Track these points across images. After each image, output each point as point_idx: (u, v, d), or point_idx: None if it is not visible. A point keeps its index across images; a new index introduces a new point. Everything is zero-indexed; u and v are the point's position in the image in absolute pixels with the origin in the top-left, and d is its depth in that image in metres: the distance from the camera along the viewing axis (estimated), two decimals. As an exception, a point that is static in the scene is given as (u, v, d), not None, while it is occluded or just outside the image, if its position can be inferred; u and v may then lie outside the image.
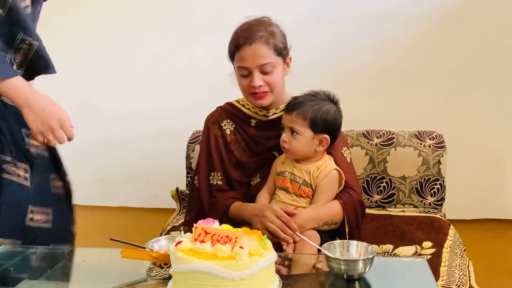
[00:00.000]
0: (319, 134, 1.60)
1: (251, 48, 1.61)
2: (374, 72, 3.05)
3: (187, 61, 2.56)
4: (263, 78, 1.64)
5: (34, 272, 1.30)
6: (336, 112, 1.63)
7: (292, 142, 1.59)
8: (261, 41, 1.62)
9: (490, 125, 3.05)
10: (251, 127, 1.78)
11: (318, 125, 1.58)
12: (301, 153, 1.62)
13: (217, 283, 1.04)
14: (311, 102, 1.59)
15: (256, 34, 1.62)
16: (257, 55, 1.62)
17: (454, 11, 2.97)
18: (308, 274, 1.39)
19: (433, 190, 2.16)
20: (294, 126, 1.58)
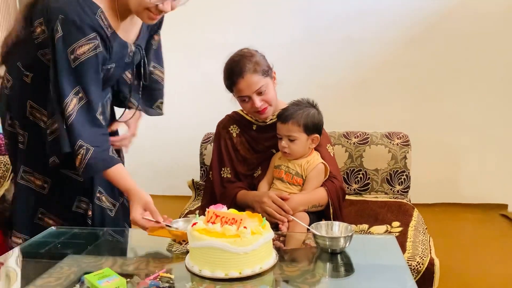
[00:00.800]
0: (311, 135, 1.58)
1: (244, 80, 1.57)
2: (353, 84, 3.02)
3: (200, 76, 2.54)
4: (261, 99, 1.61)
5: (77, 248, 1.27)
6: (318, 114, 1.61)
7: (292, 147, 1.57)
8: (250, 72, 1.57)
9: (446, 127, 3.02)
10: (253, 130, 1.75)
11: (309, 128, 1.57)
12: (299, 154, 1.59)
13: (226, 257, 1.03)
14: (299, 111, 1.57)
15: (244, 67, 1.58)
16: (251, 84, 1.58)
17: (417, 36, 2.94)
18: (299, 249, 1.36)
19: (400, 180, 2.09)
20: (292, 134, 1.56)
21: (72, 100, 1.29)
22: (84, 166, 1.30)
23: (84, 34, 1.26)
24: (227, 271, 1.03)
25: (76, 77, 1.29)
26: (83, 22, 1.26)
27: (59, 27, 1.26)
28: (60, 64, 1.28)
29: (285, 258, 1.20)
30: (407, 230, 1.71)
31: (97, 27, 1.29)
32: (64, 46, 1.27)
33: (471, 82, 2.94)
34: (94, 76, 1.32)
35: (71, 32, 1.26)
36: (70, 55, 1.27)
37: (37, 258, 1.24)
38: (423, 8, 2.90)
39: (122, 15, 1.36)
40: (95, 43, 1.29)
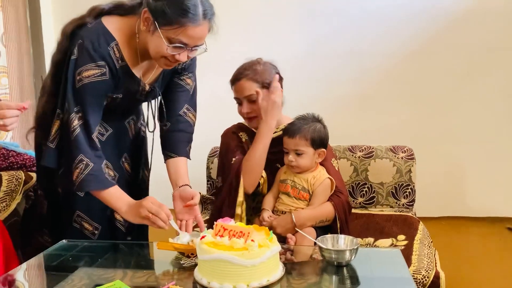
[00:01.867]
0: (318, 149, 1.61)
1: (239, 83, 1.65)
2: (356, 98, 3.04)
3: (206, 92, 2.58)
4: (251, 107, 1.66)
5: (88, 261, 1.31)
6: (324, 128, 1.65)
7: (299, 160, 1.59)
8: (246, 78, 1.64)
9: (451, 140, 3.03)
10: None
11: (316, 142, 1.60)
12: (305, 168, 1.61)
13: (234, 269, 1.06)
14: (306, 126, 1.60)
15: (243, 72, 1.66)
16: (243, 89, 1.65)
17: (420, 48, 2.98)
18: (306, 262, 1.39)
19: (405, 193, 2.12)
20: (299, 148, 1.58)
21: (75, 117, 1.36)
22: (80, 181, 1.35)
23: (93, 60, 1.35)
24: (235, 283, 1.06)
25: (77, 97, 1.37)
26: (95, 50, 1.35)
27: (76, 50, 1.36)
28: (68, 82, 1.37)
29: (292, 271, 1.22)
30: (412, 243, 1.73)
31: (107, 57, 1.37)
32: (75, 68, 1.36)
33: (475, 95, 2.96)
34: (95, 100, 1.39)
35: (83, 56, 1.35)
36: (76, 76, 1.35)
37: (48, 271, 1.28)
38: (425, 21, 2.95)
39: (143, 56, 1.44)
40: (102, 71, 1.36)
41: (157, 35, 1.32)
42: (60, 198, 1.54)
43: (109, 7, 1.42)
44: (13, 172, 1.77)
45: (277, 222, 1.55)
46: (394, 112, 3.02)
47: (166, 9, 1.29)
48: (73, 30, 1.40)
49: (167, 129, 1.63)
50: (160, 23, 1.31)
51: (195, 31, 1.32)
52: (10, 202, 1.69)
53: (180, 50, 1.34)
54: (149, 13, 1.32)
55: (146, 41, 1.38)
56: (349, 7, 3.00)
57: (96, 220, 1.53)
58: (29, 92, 2.98)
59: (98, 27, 1.38)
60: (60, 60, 1.41)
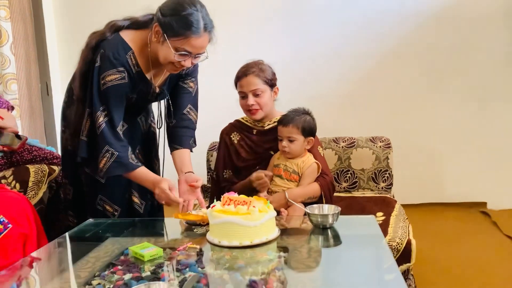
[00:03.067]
0: (307, 137, 1.89)
1: (246, 78, 1.90)
2: (339, 96, 3.31)
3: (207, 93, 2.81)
4: (255, 100, 1.91)
5: (114, 234, 1.56)
6: (312, 120, 1.92)
7: (291, 146, 1.86)
8: (253, 74, 1.90)
9: (427, 133, 3.29)
10: (253, 135, 2.03)
11: (306, 131, 1.87)
12: (296, 153, 1.88)
13: (239, 229, 1.32)
14: (297, 117, 1.87)
15: (250, 69, 1.91)
16: (250, 84, 1.90)
17: (396, 50, 3.24)
18: (296, 228, 1.62)
19: (384, 178, 2.35)
20: (292, 135, 1.86)
21: (101, 114, 1.62)
22: (107, 167, 1.63)
23: (114, 66, 1.61)
24: (241, 241, 1.32)
25: (102, 98, 1.63)
26: (115, 58, 1.61)
27: (98, 58, 1.62)
28: (94, 86, 1.62)
29: (286, 233, 1.48)
30: (389, 218, 1.95)
31: (125, 63, 1.63)
32: (98, 73, 1.62)
33: (448, 91, 3.25)
34: (117, 99, 1.66)
35: (105, 63, 1.61)
36: (101, 80, 1.61)
37: (83, 241, 1.53)
38: (403, 25, 3.23)
39: (153, 63, 1.70)
40: (122, 75, 1.63)
41: (166, 45, 1.58)
42: (83, 184, 1.81)
43: (126, 24, 1.69)
44: (38, 166, 2.03)
45: (273, 198, 1.81)
46: (374, 109, 3.30)
47: (174, 23, 1.55)
48: (96, 43, 1.65)
49: (173, 126, 1.90)
50: (169, 35, 1.57)
51: (197, 42, 1.58)
52: (38, 191, 1.94)
53: (185, 57, 1.60)
54: (159, 27, 1.58)
55: (156, 50, 1.64)
56: (332, 14, 3.27)
57: (116, 203, 1.79)
58: (36, 96, 3.20)
59: (117, 38, 1.65)
60: (87, 71, 1.66)
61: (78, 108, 1.70)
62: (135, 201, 1.82)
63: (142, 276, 1.16)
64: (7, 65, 3.02)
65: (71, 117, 1.76)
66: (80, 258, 1.33)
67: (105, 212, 1.78)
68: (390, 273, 1.15)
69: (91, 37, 1.68)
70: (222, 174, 2.04)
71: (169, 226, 1.66)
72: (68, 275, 1.25)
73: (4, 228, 1.62)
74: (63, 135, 1.84)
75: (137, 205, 1.83)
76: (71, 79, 1.80)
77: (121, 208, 1.79)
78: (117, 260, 1.29)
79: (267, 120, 2.02)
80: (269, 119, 2.02)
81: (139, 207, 1.83)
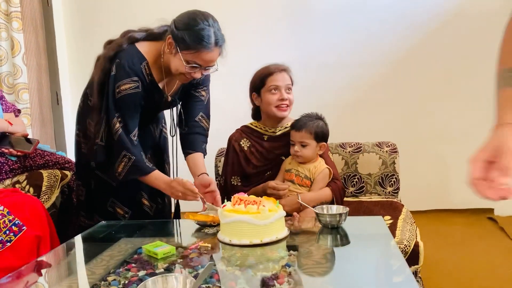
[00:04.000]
0: (320, 143, 1.91)
1: (281, 74, 1.93)
2: (346, 103, 3.34)
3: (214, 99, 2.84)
4: (287, 95, 1.94)
5: (127, 234, 1.59)
6: (325, 125, 1.94)
7: (303, 151, 1.88)
8: (287, 71, 1.95)
9: (434, 138, 3.32)
10: (264, 141, 2.04)
11: (319, 136, 1.90)
12: (308, 158, 1.90)
13: (250, 228, 1.35)
14: (311, 122, 1.90)
15: (282, 66, 1.96)
16: (285, 79, 1.93)
17: (402, 56, 3.30)
18: (306, 228, 1.65)
19: (391, 182, 2.37)
20: (304, 140, 1.88)
21: (117, 121, 1.68)
22: (125, 172, 1.68)
23: (128, 76, 1.68)
24: (251, 239, 1.35)
25: (117, 106, 1.69)
26: (130, 68, 1.68)
27: (114, 67, 1.69)
28: (110, 94, 1.69)
29: (295, 233, 1.52)
30: (396, 222, 1.94)
31: (139, 73, 1.70)
32: (114, 82, 1.68)
33: (456, 96, 3.28)
34: (132, 107, 1.72)
35: (120, 73, 1.68)
36: (116, 89, 1.68)
37: (97, 242, 1.56)
38: (409, 33, 3.28)
39: (166, 73, 1.78)
40: (136, 84, 1.69)
41: (178, 57, 1.65)
42: (92, 188, 1.86)
43: (142, 36, 1.77)
44: (51, 170, 2.08)
45: (285, 201, 1.82)
46: (380, 115, 3.33)
47: (186, 37, 1.62)
48: (114, 54, 1.72)
49: (186, 132, 1.95)
50: (181, 48, 1.64)
51: (207, 56, 1.65)
52: (51, 195, 1.98)
53: (195, 70, 1.68)
54: (172, 39, 1.65)
55: (169, 61, 1.71)
56: (338, 23, 3.33)
57: (127, 206, 1.83)
58: (47, 105, 3.27)
59: (133, 49, 1.72)
60: (104, 80, 1.73)
61: (94, 115, 1.75)
62: (145, 203, 1.87)
63: (156, 273, 1.20)
64: (19, 75, 3.09)
65: (85, 122, 1.82)
66: (95, 257, 1.37)
67: (116, 215, 1.82)
68: (401, 273, 1.17)
69: (108, 48, 1.75)
70: (230, 181, 2.05)
71: (181, 227, 1.69)
72: (83, 273, 1.28)
73: (19, 230, 1.67)
74: (77, 138, 1.90)
75: (147, 207, 1.87)
76: (87, 86, 1.86)
77: (132, 210, 1.83)
78: (131, 259, 1.32)
79: (279, 126, 2.04)
80: (281, 124, 2.04)
81: (149, 210, 1.87)
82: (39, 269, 1.36)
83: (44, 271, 1.36)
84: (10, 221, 1.65)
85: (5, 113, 2.15)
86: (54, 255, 1.48)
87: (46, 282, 1.27)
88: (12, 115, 2.17)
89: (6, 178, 2.01)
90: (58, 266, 1.40)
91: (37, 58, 3.20)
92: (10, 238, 1.64)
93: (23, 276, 1.26)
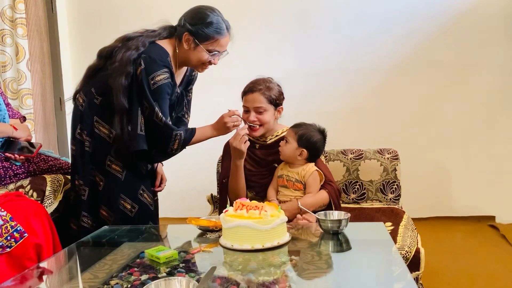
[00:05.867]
0: (300, 148, 1.92)
1: (252, 95, 1.96)
2: (347, 110, 3.35)
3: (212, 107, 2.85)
4: (257, 116, 1.96)
5: (130, 239, 1.60)
6: (320, 140, 1.95)
7: (283, 147, 1.94)
8: (259, 92, 1.95)
9: (435, 146, 3.32)
10: (256, 149, 2.09)
11: (302, 141, 1.91)
12: (286, 156, 1.94)
13: (251, 233, 1.36)
14: (304, 126, 1.94)
15: (257, 87, 1.96)
16: (254, 100, 1.95)
17: (402, 64, 3.30)
18: (307, 233, 1.66)
19: (392, 189, 2.38)
20: (287, 137, 1.93)
21: (158, 110, 1.78)
22: (181, 144, 1.85)
23: (160, 68, 1.80)
24: (253, 244, 1.36)
25: (154, 96, 1.78)
26: (161, 60, 1.81)
27: (142, 62, 1.78)
28: (144, 86, 1.78)
29: (297, 238, 1.53)
30: (398, 228, 1.98)
31: (168, 65, 1.82)
32: (147, 74, 1.77)
33: (455, 104, 3.28)
34: (165, 97, 1.83)
35: (152, 66, 1.79)
36: (150, 80, 1.77)
37: (100, 246, 1.57)
38: (409, 40, 3.29)
39: (179, 65, 1.93)
40: (168, 75, 1.82)
41: (199, 49, 1.84)
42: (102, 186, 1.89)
43: (155, 35, 1.88)
44: (55, 175, 2.09)
45: (285, 207, 1.84)
46: (382, 122, 3.34)
47: (204, 30, 1.83)
48: (138, 55, 1.79)
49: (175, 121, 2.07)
50: (200, 40, 1.84)
51: (224, 40, 1.87)
52: (54, 200, 1.99)
53: (216, 57, 1.88)
54: (189, 35, 1.83)
55: (186, 55, 1.88)
56: (338, 30, 3.35)
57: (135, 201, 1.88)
58: (50, 111, 3.30)
59: (156, 45, 1.85)
60: (127, 84, 1.79)
61: (118, 115, 1.80)
62: (147, 198, 1.91)
63: (158, 277, 1.20)
64: (23, 81, 3.12)
65: (92, 120, 1.87)
66: (97, 261, 1.37)
67: (125, 211, 1.85)
68: (402, 279, 1.17)
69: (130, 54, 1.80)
70: (222, 181, 2.09)
71: (183, 232, 1.70)
72: (85, 277, 1.29)
73: (20, 237, 1.68)
74: (79, 137, 1.89)
75: (148, 202, 1.91)
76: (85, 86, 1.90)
77: (139, 206, 1.87)
78: (134, 263, 1.33)
79: (269, 135, 2.09)
80: (271, 134, 2.08)
81: (150, 205, 1.92)
82: (41, 274, 1.36)
83: (46, 276, 1.37)
84: (12, 227, 1.66)
85: (11, 119, 2.17)
86: (56, 260, 1.49)
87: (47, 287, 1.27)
88: (18, 121, 2.18)
89: (10, 183, 2.02)
90: (60, 271, 1.41)
91: (41, 64, 3.23)
92: (11, 244, 1.65)
93: (25, 281, 1.26)
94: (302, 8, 3.39)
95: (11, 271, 1.63)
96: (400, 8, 3.28)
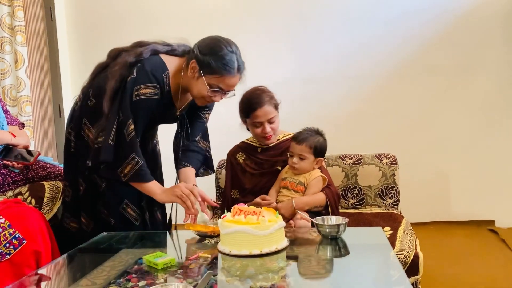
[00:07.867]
0: (317, 158, 1.97)
1: (263, 109, 1.98)
2: (346, 115, 3.36)
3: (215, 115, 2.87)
4: (270, 126, 2.01)
5: (128, 245, 1.61)
6: (324, 141, 2.00)
7: (301, 164, 1.95)
8: (268, 104, 1.99)
9: (434, 151, 3.33)
10: (259, 153, 2.13)
11: (317, 151, 1.96)
12: (305, 171, 1.97)
13: (249, 238, 1.36)
14: (311, 137, 1.96)
15: (265, 99, 1.99)
16: (267, 113, 1.99)
17: (400, 69, 3.32)
18: (305, 238, 1.66)
19: (391, 194, 2.38)
20: (303, 154, 1.94)
21: (131, 123, 1.68)
22: (132, 174, 1.69)
23: (150, 81, 1.69)
24: (251, 250, 1.36)
25: (133, 108, 1.68)
26: (153, 74, 1.69)
27: (135, 71, 1.68)
28: (126, 96, 1.68)
29: (295, 243, 1.53)
30: (396, 233, 1.97)
31: (160, 81, 1.71)
32: (133, 84, 1.68)
33: (453, 109, 3.29)
34: (145, 113, 1.72)
35: (142, 77, 1.68)
36: (135, 91, 1.68)
37: (99, 252, 1.57)
38: (405, 46, 3.32)
39: (182, 91, 1.80)
40: (156, 91, 1.70)
41: (201, 81, 1.69)
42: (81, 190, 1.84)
43: (165, 49, 1.78)
44: (53, 182, 2.09)
45: (281, 205, 1.89)
46: (380, 126, 3.35)
47: (211, 62, 1.66)
48: (135, 61, 1.72)
49: (183, 149, 1.98)
50: (205, 72, 1.68)
51: (231, 81, 1.70)
52: (52, 207, 2.00)
53: (216, 94, 1.72)
54: (196, 63, 1.69)
55: (189, 83, 1.74)
56: (336, 35, 3.37)
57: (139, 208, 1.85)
58: (49, 118, 3.30)
59: (157, 58, 1.74)
60: (118, 87, 1.70)
61: (103, 117, 1.71)
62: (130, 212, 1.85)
63: (156, 283, 1.20)
64: (22, 88, 3.13)
65: (80, 121, 1.80)
66: (95, 268, 1.37)
67: (128, 217, 1.81)
68: (400, 284, 1.17)
69: (129, 56, 1.73)
70: (230, 194, 2.13)
71: (180, 238, 1.70)
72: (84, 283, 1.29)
73: (19, 244, 1.68)
74: (68, 137, 1.87)
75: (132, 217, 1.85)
76: (88, 86, 1.83)
77: (119, 221, 1.82)
78: (131, 269, 1.33)
79: None
80: None
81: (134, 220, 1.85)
82: (39, 280, 1.36)
83: (44, 283, 1.36)
84: (10, 234, 1.66)
85: (10, 126, 2.17)
86: (54, 266, 1.49)
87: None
88: (17, 128, 2.19)
89: (8, 190, 2.02)
90: (59, 277, 1.41)
91: (40, 72, 3.24)
92: (10, 251, 1.65)
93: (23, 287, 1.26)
94: (301, 13, 3.41)
95: (11, 279, 1.63)
96: (399, 13, 3.30)
